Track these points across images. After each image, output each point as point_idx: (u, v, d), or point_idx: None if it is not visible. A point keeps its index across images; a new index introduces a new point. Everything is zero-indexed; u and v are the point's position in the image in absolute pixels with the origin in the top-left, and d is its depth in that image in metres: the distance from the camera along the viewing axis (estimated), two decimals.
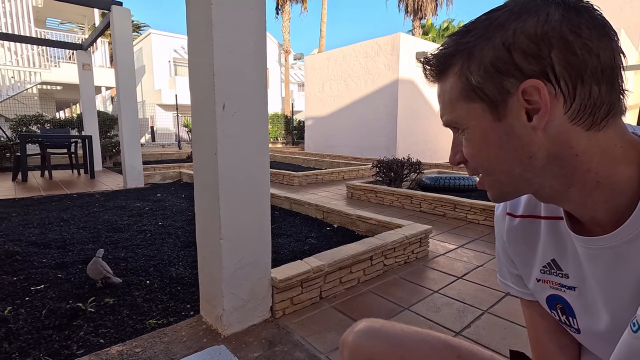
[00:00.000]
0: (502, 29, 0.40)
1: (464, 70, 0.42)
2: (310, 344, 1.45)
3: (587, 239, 0.46)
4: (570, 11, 0.38)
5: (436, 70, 0.46)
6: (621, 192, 0.41)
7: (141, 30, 23.78)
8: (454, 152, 0.48)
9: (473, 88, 0.42)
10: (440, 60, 0.45)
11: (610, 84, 0.39)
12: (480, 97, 0.42)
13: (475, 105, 0.43)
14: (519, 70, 0.39)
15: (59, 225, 3.09)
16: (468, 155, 0.46)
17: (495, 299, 1.85)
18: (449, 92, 0.45)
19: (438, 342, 0.68)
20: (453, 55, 0.43)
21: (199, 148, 1.54)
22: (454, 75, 0.43)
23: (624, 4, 10.42)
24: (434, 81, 0.47)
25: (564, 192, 0.43)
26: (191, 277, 2.04)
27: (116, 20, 4.84)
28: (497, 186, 0.46)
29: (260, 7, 1.48)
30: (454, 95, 0.44)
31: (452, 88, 0.44)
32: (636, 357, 0.37)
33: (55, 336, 1.45)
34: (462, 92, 0.43)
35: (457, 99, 0.44)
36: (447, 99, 0.45)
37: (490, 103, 0.41)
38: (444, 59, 0.44)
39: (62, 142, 6.53)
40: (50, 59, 13.35)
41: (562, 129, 0.40)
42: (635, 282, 0.41)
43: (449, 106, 0.45)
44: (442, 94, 0.46)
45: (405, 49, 9.05)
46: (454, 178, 4.66)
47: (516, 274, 0.61)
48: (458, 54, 0.43)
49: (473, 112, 0.43)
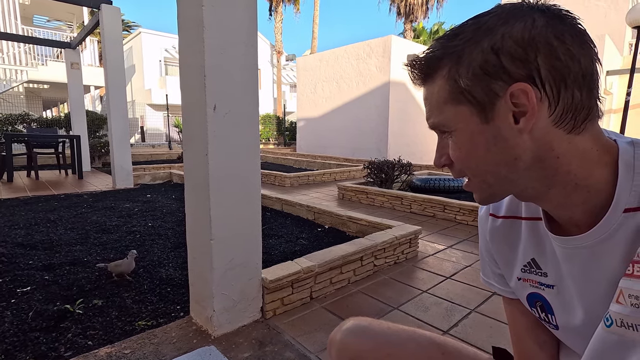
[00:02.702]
0: (490, 33, 0.41)
1: (452, 73, 0.43)
2: (301, 343, 1.46)
3: (563, 239, 0.48)
4: (554, 18, 0.40)
5: (423, 73, 0.46)
6: (597, 194, 0.43)
7: (131, 29, 23.48)
8: (439, 155, 0.49)
9: (461, 91, 0.42)
10: (428, 63, 0.45)
11: (589, 89, 0.41)
12: (469, 99, 0.42)
13: (463, 108, 0.43)
14: (507, 73, 0.40)
15: (46, 226, 3.04)
16: (455, 157, 0.46)
17: (482, 298, 1.88)
18: (436, 95, 0.45)
19: (424, 340, 0.69)
20: (441, 59, 0.44)
21: (190, 149, 1.54)
22: (442, 78, 0.44)
23: (609, 11, 10.68)
24: (421, 84, 0.47)
25: (545, 193, 0.45)
26: (181, 278, 2.03)
27: (106, 19, 4.78)
28: (484, 188, 0.47)
29: (252, 8, 1.49)
30: (442, 98, 0.44)
31: (440, 91, 0.44)
32: (609, 350, 0.39)
33: (43, 338, 1.44)
34: (450, 95, 0.44)
35: (445, 102, 0.44)
36: (434, 102, 0.46)
37: (478, 106, 0.42)
38: (432, 61, 0.45)
39: (49, 142, 6.42)
40: (38, 57, 13.13)
41: (546, 132, 0.41)
42: (609, 280, 0.43)
43: (436, 109, 0.46)
44: (429, 96, 0.46)
45: (397, 52, 9.12)
46: (443, 179, 4.72)
47: (498, 273, 0.63)
48: (446, 57, 0.43)
49: (461, 114, 0.43)
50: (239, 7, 1.44)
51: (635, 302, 0.37)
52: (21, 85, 13.01)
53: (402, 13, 18.98)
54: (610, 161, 0.43)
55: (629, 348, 0.37)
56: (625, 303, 0.38)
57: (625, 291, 0.38)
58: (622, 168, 0.42)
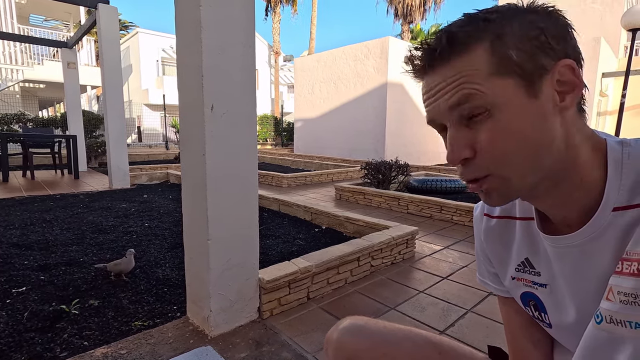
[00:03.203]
0: (530, 14, 0.42)
1: (497, 45, 0.40)
2: (297, 344, 1.46)
3: (554, 238, 0.48)
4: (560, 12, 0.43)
5: (457, 45, 0.41)
6: (591, 192, 0.44)
7: (129, 29, 23.42)
8: (461, 146, 0.43)
9: (509, 63, 0.40)
10: (466, 33, 0.41)
11: None
12: (517, 72, 0.40)
13: (510, 81, 0.40)
14: (553, 49, 0.41)
15: (42, 226, 3.03)
16: (489, 141, 0.41)
17: (479, 298, 1.89)
18: (475, 67, 0.40)
19: (420, 339, 0.70)
20: (483, 30, 0.41)
21: (187, 149, 1.54)
22: (484, 50, 0.40)
23: (604, 14, 10.77)
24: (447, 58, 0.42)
25: (552, 188, 0.44)
26: (178, 278, 2.02)
27: (103, 18, 4.77)
28: (516, 180, 0.42)
29: (250, 8, 1.49)
30: (484, 71, 0.40)
31: (481, 63, 0.40)
32: (600, 346, 0.40)
33: (38, 339, 1.43)
34: (495, 67, 0.40)
35: (489, 74, 0.40)
36: (473, 75, 0.40)
37: (526, 79, 0.40)
38: (471, 32, 0.41)
39: (45, 142, 6.38)
40: (34, 57, 13.06)
41: (572, 116, 0.43)
42: (599, 278, 0.44)
43: (476, 83, 0.40)
44: (461, 71, 0.41)
45: (394, 53, 9.15)
46: (440, 180, 4.74)
47: (493, 272, 0.63)
48: (490, 29, 0.41)
49: (507, 88, 0.40)
50: (237, 7, 1.45)
51: (624, 299, 0.38)
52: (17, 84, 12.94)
53: (400, 14, 19.05)
54: (601, 159, 0.44)
55: (619, 344, 0.38)
56: (614, 300, 0.39)
57: (615, 288, 0.39)
58: (611, 167, 0.43)
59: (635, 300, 0.37)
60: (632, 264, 0.38)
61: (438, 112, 0.44)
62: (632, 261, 0.38)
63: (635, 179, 0.41)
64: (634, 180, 0.41)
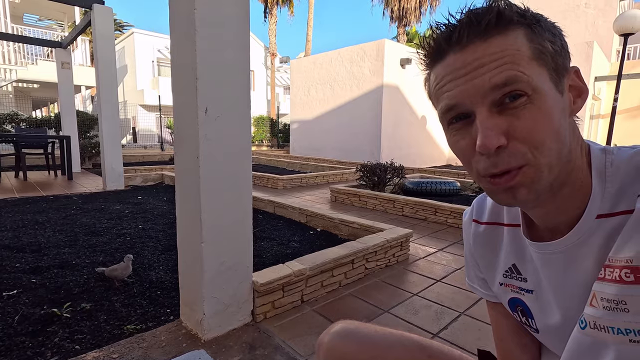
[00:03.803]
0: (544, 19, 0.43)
1: (536, 32, 0.40)
2: (291, 347, 1.46)
3: (540, 245, 0.49)
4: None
5: (495, 22, 0.39)
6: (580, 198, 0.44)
7: (124, 29, 23.29)
8: (498, 132, 0.39)
9: (548, 53, 0.40)
10: (508, 12, 0.39)
11: None
12: (550, 65, 0.40)
13: (544, 72, 0.39)
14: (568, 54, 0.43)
15: (34, 228, 3.00)
16: (528, 127, 0.38)
17: (472, 301, 1.90)
18: (517, 49, 0.39)
19: (411, 343, 0.70)
20: (523, 15, 0.40)
21: (181, 151, 1.54)
22: (523, 34, 0.39)
23: (597, 19, 10.91)
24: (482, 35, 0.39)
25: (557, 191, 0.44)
26: (171, 281, 2.01)
27: (98, 19, 4.74)
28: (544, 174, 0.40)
29: (244, 11, 1.50)
30: (527, 54, 0.39)
31: (523, 46, 0.39)
32: (584, 351, 0.41)
33: (28, 342, 1.41)
34: (534, 54, 0.39)
35: (531, 58, 0.39)
36: (516, 55, 0.38)
37: (557, 73, 0.40)
38: (512, 13, 0.40)
39: (39, 142, 6.32)
40: (27, 56, 12.95)
41: (573, 121, 0.44)
42: (583, 284, 0.44)
43: (520, 64, 0.38)
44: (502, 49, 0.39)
45: (390, 55, 9.19)
46: (435, 182, 4.76)
47: (482, 278, 0.64)
48: (527, 17, 0.40)
49: (545, 76, 0.39)
50: (232, 9, 1.45)
51: (607, 305, 0.38)
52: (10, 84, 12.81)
53: (395, 17, 19.13)
54: (587, 166, 0.45)
55: (602, 349, 0.38)
56: (598, 306, 0.39)
57: (598, 294, 0.40)
58: (594, 175, 0.43)
59: (618, 307, 0.37)
60: (615, 270, 0.38)
61: (472, 92, 0.40)
62: (615, 268, 0.38)
63: (618, 187, 0.42)
64: (617, 188, 0.42)
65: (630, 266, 0.37)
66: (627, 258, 0.37)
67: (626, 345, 0.36)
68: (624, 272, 0.37)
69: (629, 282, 0.37)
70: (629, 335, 0.36)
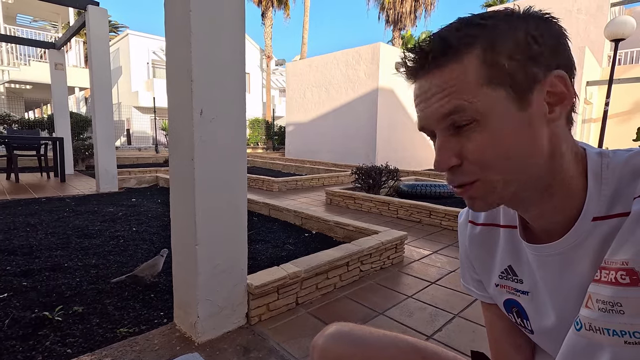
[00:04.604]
0: (525, 22, 0.41)
1: (489, 54, 0.40)
2: (286, 349, 1.46)
3: (537, 247, 0.49)
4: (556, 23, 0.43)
5: (447, 52, 0.41)
6: (574, 202, 0.44)
7: (119, 30, 23.20)
8: (449, 155, 0.43)
9: (502, 73, 0.40)
10: (456, 41, 0.40)
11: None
12: (509, 83, 0.40)
13: (501, 92, 0.40)
14: (546, 60, 0.41)
15: (26, 230, 2.96)
16: (477, 150, 0.41)
17: (466, 303, 1.91)
18: (467, 77, 0.40)
19: (405, 345, 0.70)
20: (475, 37, 0.40)
21: (176, 153, 1.53)
22: (475, 58, 0.40)
23: (589, 24, 11.07)
24: (435, 67, 0.42)
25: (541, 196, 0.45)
26: (165, 284, 2.00)
27: (92, 20, 4.72)
28: (490, 191, 0.43)
29: (240, 13, 1.50)
30: (476, 81, 0.40)
31: (473, 72, 0.40)
32: (579, 353, 0.41)
33: (19, 346, 1.39)
34: (486, 78, 0.40)
35: (481, 84, 0.40)
36: (463, 85, 0.40)
37: (517, 90, 0.40)
38: (462, 39, 0.40)
39: (31, 144, 6.26)
40: (20, 57, 12.83)
41: (561, 127, 0.43)
42: (579, 285, 0.45)
43: (467, 92, 0.40)
44: (452, 80, 0.41)
45: (385, 59, 9.24)
46: (430, 185, 4.79)
47: (477, 279, 0.64)
48: (482, 36, 0.40)
49: (498, 99, 0.40)
50: (227, 12, 1.45)
51: (602, 307, 0.39)
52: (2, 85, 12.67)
53: (391, 21, 19.28)
54: (582, 170, 0.45)
55: (597, 350, 0.38)
56: (593, 308, 0.40)
57: (594, 296, 0.40)
58: (590, 178, 0.44)
59: (613, 308, 0.37)
60: (610, 272, 0.39)
61: (428, 119, 0.44)
62: (610, 270, 0.39)
63: (614, 189, 0.42)
64: (613, 190, 0.42)
65: (626, 268, 0.37)
66: (623, 260, 0.37)
67: (621, 347, 0.37)
68: (619, 274, 0.37)
69: (624, 284, 0.37)
70: (624, 337, 0.36)
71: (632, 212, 0.38)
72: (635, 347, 0.36)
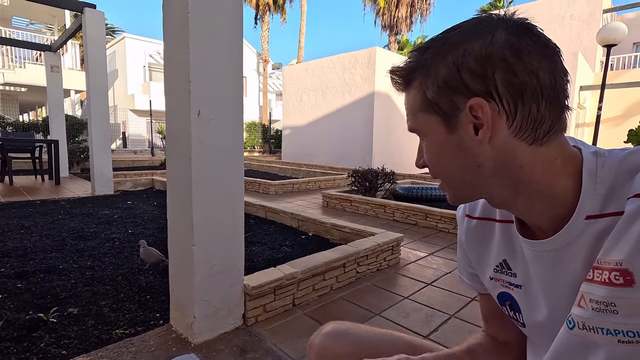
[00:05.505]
0: (453, 49, 0.44)
1: (422, 85, 0.47)
2: (282, 350, 1.46)
3: (532, 242, 0.50)
4: (513, 34, 0.42)
5: (401, 82, 0.50)
6: (561, 202, 0.45)
7: (115, 33, 23.17)
8: (419, 156, 0.53)
9: (430, 102, 0.46)
10: (404, 73, 0.50)
11: (549, 102, 0.42)
12: (436, 110, 0.46)
13: (432, 118, 0.47)
14: (467, 88, 0.43)
15: (20, 233, 2.94)
16: (427, 160, 0.51)
17: (462, 304, 1.92)
18: (412, 103, 0.49)
19: (401, 343, 0.71)
20: (414, 70, 0.48)
21: (173, 154, 1.54)
22: (415, 88, 0.48)
23: (581, 30, 11.23)
24: (401, 90, 0.51)
25: (512, 200, 0.48)
26: (161, 285, 1.99)
27: (89, 23, 4.71)
28: (452, 191, 0.52)
29: (238, 16, 1.51)
30: (415, 107, 0.49)
31: (414, 100, 0.49)
32: (571, 351, 0.41)
33: (13, 348, 1.38)
34: (421, 105, 0.48)
35: (418, 110, 0.49)
36: (410, 109, 0.50)
37: (444, 116, 0.46)
38: (407, 72, 0.49)
39: (25, 146, 6.22)
40: (15, 60, 12.77)
41: (507, 143, 0.44)
42: (571, 283, 0.45)
43: (411, 115, 0.50)
44: (407, 103, 0.51)
45: (381, 63, 9.31)
46: (426, 188, 4.81)
47: (472, 272, 0.66)
48: (419, 69, 0.47)
49: (430, 123, 0.48)
50: (225, 15, 1.46)
51: (596, 307, 0.39)
52: None
53: (387, 26, 19.41)
54: (574, 170, 0.45)
55: (592, 349, 0.39)
56: (586, 307, 0.40)
57: (587, 296, 0.41)
58: (585, 177, 0.44)
59: (607, 308, 0.38)
60: (604, 272, 0.39)
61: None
62: (604, 270, 0.39)
63: (608, 188, 0.43)
64: (607, 189, 0.43)
65: (620, 269, 0.37)
66: (617, 261, 0.38)
67: (615, 345, 0.37)
68: (613, 275, 0.38)
69: (618, 285, 0.37)
70: (617, 336, 0.37)
71: (626, 213, 0.39)
72: (629, 346, 0.37)
